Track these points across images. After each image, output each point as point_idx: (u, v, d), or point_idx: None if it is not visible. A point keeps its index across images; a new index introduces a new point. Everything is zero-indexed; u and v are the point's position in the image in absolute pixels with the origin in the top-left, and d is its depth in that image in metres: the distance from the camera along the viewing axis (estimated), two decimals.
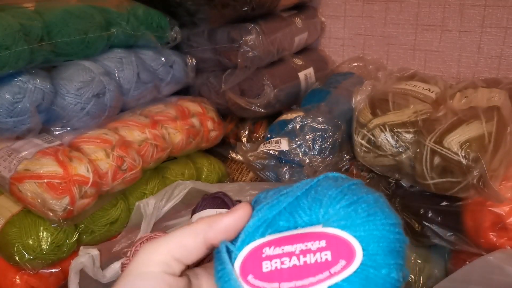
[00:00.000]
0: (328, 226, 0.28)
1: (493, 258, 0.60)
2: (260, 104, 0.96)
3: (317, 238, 0.28)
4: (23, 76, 0.64)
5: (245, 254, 0.29)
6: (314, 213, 0.29)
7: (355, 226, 0.27)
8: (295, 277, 0.27)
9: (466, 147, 0.62)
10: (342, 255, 0.26)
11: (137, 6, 0.83)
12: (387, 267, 0.26)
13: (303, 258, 0.27)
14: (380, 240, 0.27)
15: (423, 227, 0.70)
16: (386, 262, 0.26)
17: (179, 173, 0.87)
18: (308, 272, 0.27)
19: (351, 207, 0.28)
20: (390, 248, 0.27)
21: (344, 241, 0.27)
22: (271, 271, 0.27)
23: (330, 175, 0.31)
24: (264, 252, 0.28)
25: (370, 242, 0.27)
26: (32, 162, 0.65)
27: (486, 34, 0.97)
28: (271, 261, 0.28)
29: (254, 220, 0.29)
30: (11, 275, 0.68)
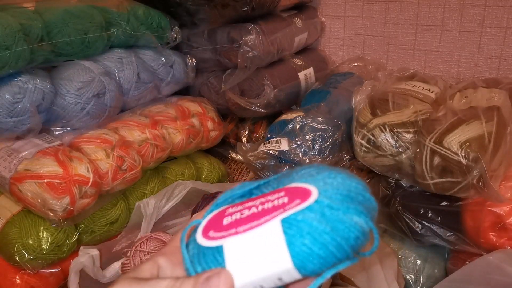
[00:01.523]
0: (291, 183, 0.29)
1: (493, 258, 0.60)
2: (260, 104, 0.96)
3: (278, 192, 0.29)
4: (23, 76, 0.64)
5: (208, 219, 0.30)
6: (281, 183, 0.30)
7: (315, 181, 0.28)
8: (252, 220, 0.28)
9: (466, 147, 0.62)
10: (298, 197, 0.27)
11: (137, 6, 0.83)
12: (345, 209, 0.27)
13: (261, 206, 0.28)
14: (338, 187, 0.28)
15: (423, 227, 0.70)
16: (343, 206, 0.27)
17: (179, 173, 0.87)
18: (265, 214, 0.28)
19: (319, 174, 0.29)
20: (350, 196, 0.27)
21: (302, 188, 0.28)
22: (230, 223, 0.28)
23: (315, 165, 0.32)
24: (227, 211, 0.29)
25: (329, 188, 0.28)
26: (32, 162, 0.65)
27: (486, 34, 0.97)
28: (232, 216, 0.29)
29: (224, 196, 0.31)
30: (11, 275, 0.68)
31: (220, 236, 0.28)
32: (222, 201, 0.31)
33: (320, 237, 0.26)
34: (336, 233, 0.26)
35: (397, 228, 0.74)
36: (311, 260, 0.26)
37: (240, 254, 0.27)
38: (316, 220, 0.26)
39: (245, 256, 0.27)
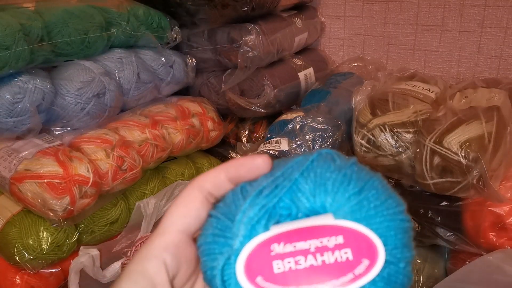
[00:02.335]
0: (341, 218, 0.25)
1: (493, 258, 0.60)
2: (260, 104, 0.96)
3: (332, 233, 0.24)
4: (23, 76, 0.64)
5: (249, 251, 0.24)
6: (319, 200, 0.26)
7: (370, 218, 0.25)
8: (314, 280, 0.23)
9: (466, 147, 0.62)
10: (364, 253, 0.24)
11: (137, 6, 0.83)
12: (404, 261, 0.24)
13: (320, 257, 0.24)
14: (397, 232, 0.25)
15: (423, 227, 0.70)
16: (403, 255, 0.25)
17: (179, 173, 0.87)
18: (329, 274, 0.23)
19: (362, 195, 0.25)
20: (405, 239, 0.25)
21: (363, 236, 0.24)
22: (284, 273, 0.24)
23: (324, 153, 0.28)
24: (273, 250, 0.24)
25: (388, 235, 0.24)
26: (32, 162, 0.65)
27: (486, 34, 0.97)
28: (283, 261, 0.24)
29: (254, 211, 0.25)
30: (12, 275, 0.68)
31: None
32: (256, 214, 0.25)
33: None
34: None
35: None
36: None
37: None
38: (385, 283, 0.24)
39: None
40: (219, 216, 0.27)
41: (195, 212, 0.27)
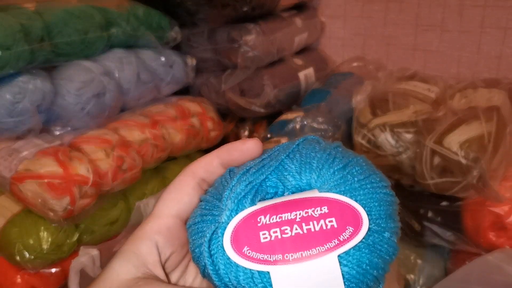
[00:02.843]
0: (326, 191, 0.26)
1: (492, 257, 0.60)
2: (260, 104, 0.96)
3: (317, 204, 0.25)
4: (24, 76, 0.64)
5: (236, 223, 0.25)
6: (304, 177, 0.27)
7: (354, 190, 0.26)
8: (300, 247, 0.24)
9: (466, 147, 0.62)
10: (348, 222, 0.25)
11: (137, 6, 0.83)
12: (389, 231, 0.26)
13: (305, 226, 0.24)
14: (380, 203, 0.26)
15: (423, 227, 0.70)
16: (388, 226, 0.26)
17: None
18: (315, 241, 0.24)
19: (346, 170, 0.27)
20: (389, 211, 0.26)
21: (347, 206, 0.25)
22: (271, 242, 0.24)
23: (310, 138, 0.29)
24: (260, 222, 0.25)
25: (372, 206, 0.25)
26: (33, 162, 0.65)
27: (485, 34, 0.97)
28: (270, 231, 0.25)
29: (241, 186, 0.26)
30: (12, 275, 0.68)
31: (263, 260, 0.24)
32: (243, 189, 0.26)
33: (374, 270, 0.25)
34: (384, 262, 0.25)
35: None
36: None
37: (291, 286, 0.24)
38: (370, 251, 0.25)
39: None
40: (207, 198, 0.28)
41: (188, 198, 0.28)
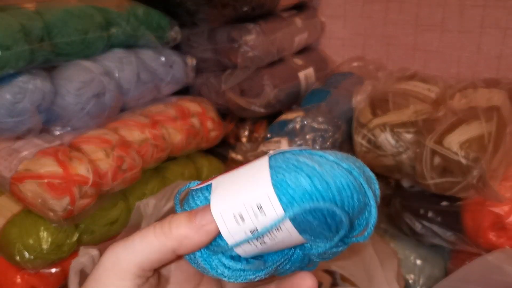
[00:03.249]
0: None
1: (492, 258, 0.60)
2: (260, 104, 0.96)
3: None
4: (23, 76, 0.64)
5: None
6: None
7: None
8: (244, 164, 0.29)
9: (466, 147, 0.62)
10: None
11: (137, 6, 0.83)
12: (338, 161, 0.28)
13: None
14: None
15: (423, 227, 0.70)
16: (337, 159, 0.28)
17: (179, 173, 0.87)
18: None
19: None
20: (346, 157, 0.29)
21: None
22: (213, 177, 0.29)
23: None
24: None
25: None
26: (33, 162, 0.65)
27: (485, 34, 0.97)
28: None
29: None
30: (12, 275, 0.68)
31: (210, 178, 0.29)
32: None
33: (306, 168, 0.26)
34: (324, 170, 0.26)
35: (397, 228, 0.74)
36: (292, 187, 0.26)
37: (225, 183, 0.27)
38: (306, 157, 0.27)
39: (229, 184, 0.27)
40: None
41: None
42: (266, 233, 0.26)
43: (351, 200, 0.26)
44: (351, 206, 0.26)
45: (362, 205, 0.27)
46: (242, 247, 0.27)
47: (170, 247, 0.27)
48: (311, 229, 0.26)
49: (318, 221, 0.26)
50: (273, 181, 0.26)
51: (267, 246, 0.27)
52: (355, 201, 0.26)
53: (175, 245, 0.27)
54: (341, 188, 0.26)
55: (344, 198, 0.26)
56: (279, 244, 0.27)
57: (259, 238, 0.26)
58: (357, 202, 0.27)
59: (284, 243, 0.27)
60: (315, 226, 0.26)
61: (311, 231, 0.27)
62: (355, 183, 0.26)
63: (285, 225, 0.26)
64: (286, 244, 0.28)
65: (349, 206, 0.26)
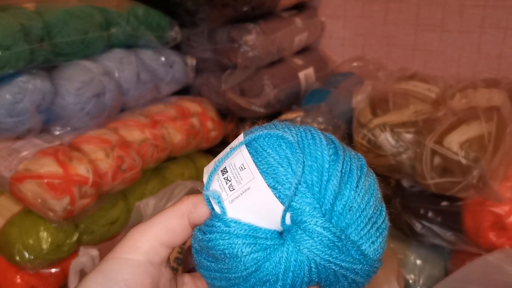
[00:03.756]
0: None
1: (492, 258, 0.60)
2: (260, 104, 0.96)
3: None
4: (23, 76, 0.64)
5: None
6: None
7: None
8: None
9: (466, 147, 0.62)
10: None
11: (137, 6, 0.83)
12: None
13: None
14: None
15: (423, 227, 0.70)
16: None
17: (179, 173, 0.87)
18: None
19: None
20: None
21: None
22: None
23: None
24: None
25: None
26: (32, 162, 0.65)
27: (486, 34, 0.97)
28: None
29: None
30: (12, 275, 0.68)
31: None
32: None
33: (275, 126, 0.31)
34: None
35: (398, 228, 0.74)
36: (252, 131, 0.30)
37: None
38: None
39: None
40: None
41: None
42: (226, 158, 0.30)
43: (318, 151, 0.29)
44: (314, 152, 0.29)
45: (333, 161, 0.29)
46: (213, 190, 0.29)
47: (186, 210, 0.29)
48: (271, 169, 0.28)
49: (278, 159, 0.28)
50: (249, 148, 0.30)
51: (237, 197, 0.28)
52: (324, 150, 0.29)
53: (190, 208, 0.29)
54: (307, 139, 0.30)
55: (311, 146, 0.29)
56: (249, 199, 0.28)
57: (228, 181, 0.29)
58: (327, 153, 0.29)
59: (255, 199, 0.28)
60: (275, 164, 0.28)
61: (272, 172, 0.28)
62: (325, 144, 0.30)
63: (247, 163, 0.28)
64: (257, 201, 0.28)
65: (311, 151, 0.29)
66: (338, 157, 0.29)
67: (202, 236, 0.29)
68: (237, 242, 0.28)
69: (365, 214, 0.28)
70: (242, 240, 0.28)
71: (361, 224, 0.28)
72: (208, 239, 0.28)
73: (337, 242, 0.27)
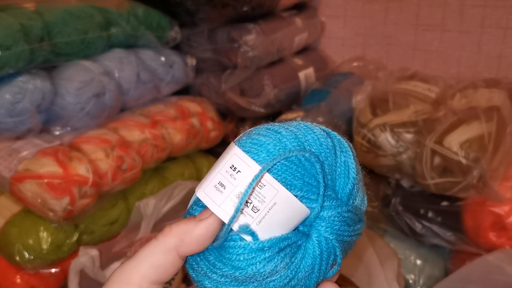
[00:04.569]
0: None
1: (492, 258, 0.60)
2: (260, 104, 0.96)
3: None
4: (23, 76, 0.64)
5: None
6: None
7: None
8: None
9: (466, 147, 0.62)
10: None
11: (137, 6, 0.83)
12: None
13: None
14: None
15: (423, 227, 0.70)
16: None
17: (179, 173, 0.87)
18: None
19: None
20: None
21: None
22: None
23: None
24: None
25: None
26: (32, 162, 0.65)
27: (486, 34, 0.97)
28: None
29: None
30: (12, 275, 0.68)
31: None
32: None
33: (268, 130, 0.30)
34: (288, 126, 0.30)
35: (398, 228, 0.74)
36: (257, 143, 0.29)
37: None
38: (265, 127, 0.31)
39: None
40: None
41: None
42: (249, 191, 0.26)
43: (317, 141, 0.29)
44: (318, 147, 0.29)
45: (331, 148, 0.29)
46: (238, 222, 0.27)
47: (172, 245, 0.27)
48: (293, 179, 0.27)
49: (294, 167, 0.28)
50: (237, 143, 0.29)
51: (265, 216, 0.27)
52: (322, 142, 0.29)
53: (177, 242, 0.27)
54: (306, 135, 0.29)
55: (310, 142, 0.29)
56: (277, 213, 0.27)
57: (249, 203, 0.27)
58: (325, 143, 0.29)
59: (283, 211, 0.27)
60: (294, 173, 0.27)
61: (294, 182, 0.27)
62: (319, 132, 0.29)
63: (265, 179, 0.27)
64: (285, 214, 0.27)
65: (317, 149, 0.29)
66: (336, 142, 0.30)
67: (223, 266, 0.27)
68: (275, 258, 0.27)
69: (359, 180, 0.30)
70: (278, 256, 0.27)
71: (360, 192, 0.30)
72: (236, 266, 0.27)
73: (353, 217, 0.29)
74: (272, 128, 0.30)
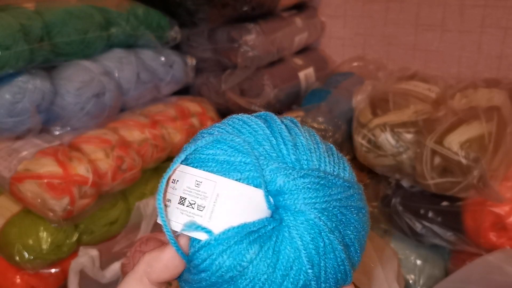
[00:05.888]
0: None
1: (493, 258, 0.60)
2: (260, 104, 0.96)
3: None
4: (23, 76, 0.63)
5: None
6: None
7: None
8: None
9: (466, 147, 0.62)
10: None
11: (137, 6, 0.83)
12: None
13: None
14: None
15: (424, 227, 0.70)
16: None
17: None
18: None
19: None
20: None
21: None
22: None
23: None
24: None
25: None
26: (32, 162, 0.65)
27: (486, 34, 0.97)
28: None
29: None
30: (12, 275, 0.68)
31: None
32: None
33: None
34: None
35: (398, 228, 0.74)
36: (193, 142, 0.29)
37: None
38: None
39: None
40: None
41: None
42: (164, 183, 0.27)
43: (242, 123, 0.29)
44: (246, 128, 0.29)
45: (263, 127, 0.29)
46: (188, 225, 0.26)
47: (142, 272, 0.27)
48: (227, 165, 0.27)
49: (223, 152, 0.27)
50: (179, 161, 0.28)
51: (213, 210, 0.26)
52: (249, 123, 0.29)
53: (146, 269, 0.27)
54: (231, 123, 0.29)
55: (237, 127, 0.29)
56: (225, 204, 0.26)
57: (193, 204, 0.27)
58: (253, 122, 0.29)
59: (231, 199, 0.26)
60: (227, 159, 0.27)
61: (228, 167, 0.27)
62: (247, 117, 0.29)
63: (199, 175, 0.27)
64: (234, 201, 0.26)
65: (243, 129, 0.29)
66: (269, 118, 0.30)
67: (194, 276, 0.27)
68: (236, 248, 0.25)
69: (321, 148, 0.29)
70: (241, 245, 0.25)
71: (325, 157, 0.29)
72: (202, 269, 0.26)
73: (321, 181, 0.27)
74: (206, 131, 0.30)
